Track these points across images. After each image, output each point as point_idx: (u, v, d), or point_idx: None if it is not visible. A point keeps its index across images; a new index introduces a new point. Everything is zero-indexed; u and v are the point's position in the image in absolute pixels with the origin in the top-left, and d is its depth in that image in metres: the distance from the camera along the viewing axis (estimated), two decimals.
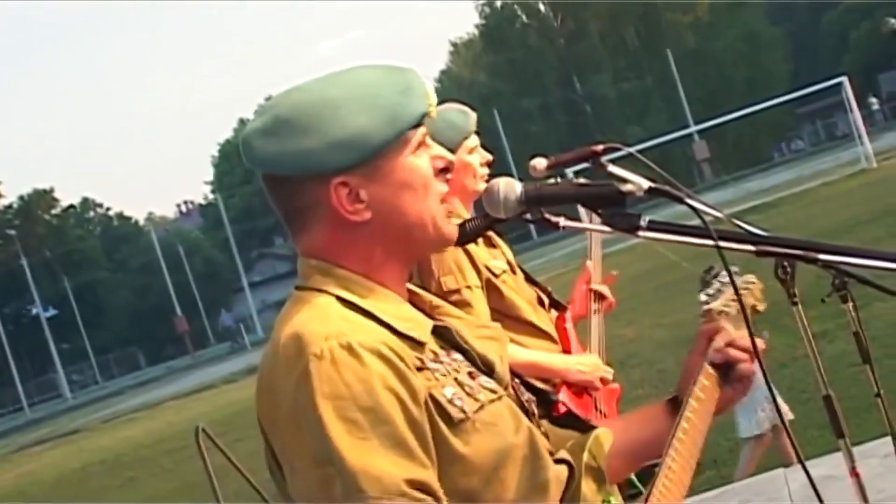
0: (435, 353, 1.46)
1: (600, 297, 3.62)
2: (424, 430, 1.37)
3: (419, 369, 1.41)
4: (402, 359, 1.39)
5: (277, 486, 1.47)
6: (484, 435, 1.43)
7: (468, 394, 1.44)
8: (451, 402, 1.41)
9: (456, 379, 1.45)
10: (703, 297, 1.74)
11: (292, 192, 1.48)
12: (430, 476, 1.35)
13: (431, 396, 1.40)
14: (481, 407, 1.44)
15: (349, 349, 1.36)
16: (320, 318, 1.41)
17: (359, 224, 1.47)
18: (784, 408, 5.88)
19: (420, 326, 1.47)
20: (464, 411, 1.42)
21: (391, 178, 1.47)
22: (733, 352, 1.68)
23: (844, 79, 29.94)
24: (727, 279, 1.78)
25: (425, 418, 1.38)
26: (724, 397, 1.69)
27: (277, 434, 1.40)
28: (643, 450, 1.68)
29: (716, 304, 1.73)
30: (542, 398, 1.67)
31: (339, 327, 1.39)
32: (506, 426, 1.46)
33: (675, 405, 1.68)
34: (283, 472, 1.42)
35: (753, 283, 1.85)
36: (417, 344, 1.44)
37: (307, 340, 1.37)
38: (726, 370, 1.68)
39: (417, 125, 1.50)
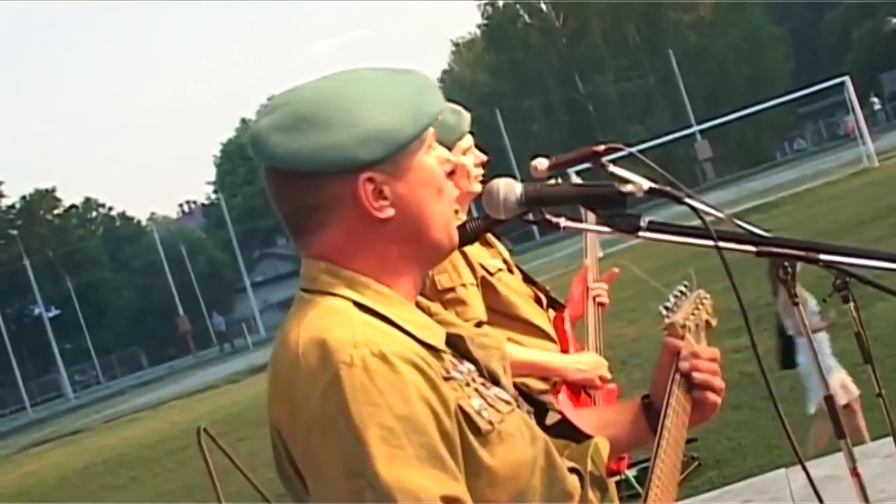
0: (453, 363, 1.44)
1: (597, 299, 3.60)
2: (455, 443, 1.35)
3: (445, 379, 1.38)
4: (431, 368, 1.36)
5: (291, 491, 1.43)
6: (507, 446, 1.41)
7: (490, 404, 1.42)
8: (478, 413, 1.39)
9: (477, 389, 1.43)
10: (662, 311, 1.74)
11: (310, 188, 1.43)
12: (463, 491, 1.33)
13: (460, 407, 1.38)
14: (502, 418, 1.42)
15: (382, 357, 1.33)
16: (343, 324, 1.37)
17: (381, 222, 1.44)
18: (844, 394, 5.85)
19: (436, 334, 1.44)
20: (491, 422, 1.40)
21: (411, 175, 1.45)
22: (711, 379, 1.68)
23: (846, 78, 29.91)
24: (681, 291, 1.79)
25: (456, 430, 1.36)
26: (692, 418, 1.69)
27: (299, 441, 1.36)
28: (618, 448, 1.71)
29: (677, 318, 1.72)
30: (538, 408, 1.65)
31: (366, 334, 1.35)
32: (524, 437, 1.45)
33: (650, 409, 1.70)
34: (301, 477, 1.39)
35: (707, 297, 1.86)
36: (436, 352, 1.41)
37: (333, 347, 1.34)
38: (691, 386, 1.68)
39: (430, 124, 1.48)
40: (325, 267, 1.46)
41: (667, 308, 1.74)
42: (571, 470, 1.52)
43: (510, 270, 3.27)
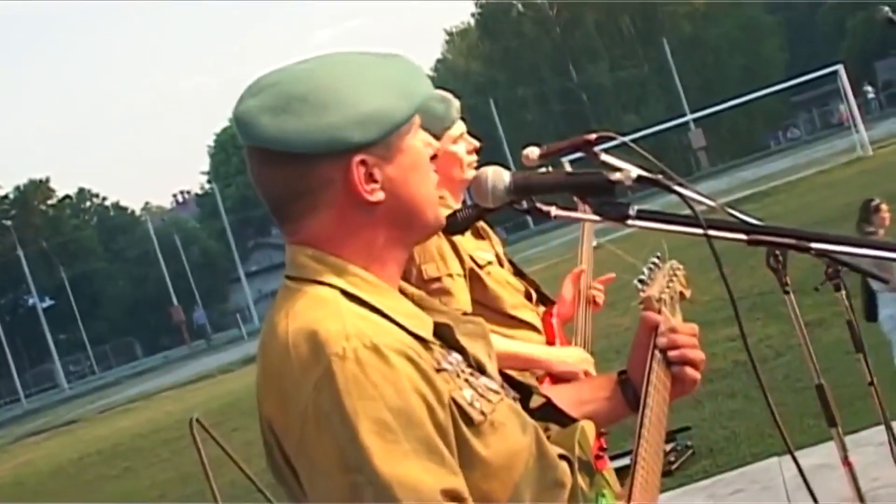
0: (442, 354, 1.42)
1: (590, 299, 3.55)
2: (450, 435, 1.34)
3: (437, 371, 1.37)
4: (423, 360, 1.35)
5: (284, 484, 1.42)
6: (500, 436, 1.39)
7: (481, 395, 1.41)
8: (471, 404, 1.38)
9: (467, 380, 1.41)
10: (637, 285, 1.72)
11: (300, 171, 1.40)
12: (461, 483, 1.31)
13: (453, 399, 1.36)
14: (493, 408, 1.41)
15: (375, 350, 1.31)
16: (333, 315, 1.35)
17: (370, 206, 1.42)
18: None
19: (424, 324, 1.43)
20: (483, 413, 1.38)
21: (401, 158, 1.44)
22: (690, 354, 1.65)
23: (840, 67, 29.90)
24: (654, 263, 1.78)
25: (450, 422, 1.34)
26: (672, 393, 1.67)
27: (291, 435, 1.34)
28: (595, 425, 1.68)
29: (653, 292, 1.71)
30: (523, 392, 1.63)
31: (357, 326, 1.33)
32: (514, 426, 1.43)
33: (626, 384, 1.69)
34: (293, 471, 1.37)
35: (680, 269, 1.85)
36: (424, 343, 1.39)
37: (324, 339, 1.32)
38: (670, 362, 1.66)
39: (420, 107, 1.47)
40: (312, 253, 1.44)
41: (641, 282, 1.73)
42: (560, 457, 1.51)
43: (500, 264, 3.21)
